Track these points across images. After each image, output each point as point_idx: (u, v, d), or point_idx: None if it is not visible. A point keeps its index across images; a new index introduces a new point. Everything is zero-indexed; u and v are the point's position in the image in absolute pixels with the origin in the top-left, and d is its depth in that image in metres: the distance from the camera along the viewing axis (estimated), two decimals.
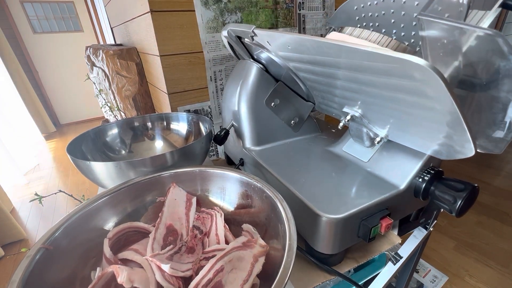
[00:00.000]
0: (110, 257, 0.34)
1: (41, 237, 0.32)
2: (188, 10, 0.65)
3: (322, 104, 0.46)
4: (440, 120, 0.26)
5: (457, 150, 0.28)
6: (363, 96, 0.33)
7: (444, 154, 0.31)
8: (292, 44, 0.36)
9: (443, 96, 0.22)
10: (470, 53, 0.26)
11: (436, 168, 0.38)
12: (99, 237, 0.36)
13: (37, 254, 0.30)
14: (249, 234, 0.38)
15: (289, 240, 0.29)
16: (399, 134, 0.35)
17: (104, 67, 0.91)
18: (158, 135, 0.69)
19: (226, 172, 0.43)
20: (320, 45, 0.30)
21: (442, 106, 0.24)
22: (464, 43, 0.26)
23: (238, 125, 0.56)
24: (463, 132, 0.25)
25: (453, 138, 0.27)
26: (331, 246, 0.38)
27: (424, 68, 0.21)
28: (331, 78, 0.35)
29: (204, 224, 0.41)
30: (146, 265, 0.32)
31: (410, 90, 0.25)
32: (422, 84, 0.23)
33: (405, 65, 0.22)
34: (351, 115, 0.38)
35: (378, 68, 0.26)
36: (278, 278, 0.24)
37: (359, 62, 0.27)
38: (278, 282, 0.24)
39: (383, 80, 0.27)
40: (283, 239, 0.30)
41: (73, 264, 0.34)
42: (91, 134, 0.60)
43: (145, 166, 0.43)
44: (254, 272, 0.31)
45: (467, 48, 0.26)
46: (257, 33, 0.40)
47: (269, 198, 0.36)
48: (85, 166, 0.44)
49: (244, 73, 0.53)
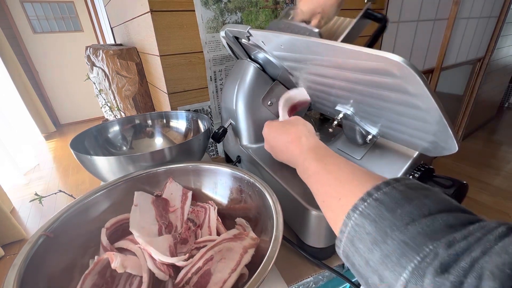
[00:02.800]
0: (107, 245, 0.36)
1: (42, 225, 0.33)
2: (188, 10, 0.65)
3: (317, 103, 0.47)
4: (424, 117, 0.27)
5: (442, 146, 0.29)
6: (354, 95, 0.34)
7: (431, 151, 0.32)
8: (284, 43, 0.36)
9: (422, 93, 0.23)
10: None
11: (426, 166, 0.39)
12: (98, 228, 0.38)
13: (38, 240, 0.31)
14: (242, 227, 0.40)
15: (275, 231, 0.31)
16: (389, 132, 0.36)
17: (104, 67, 0.91)
18: (158, 132, 0.70)
19: (219, 168, 0.45)
20: (308, 44, 0.31)
21: (423, 103, 0.24)
22: None
23: (236, 123, 0.57)
24: (445, 128, 0.26)
25: (437, 134, 0.28)
26: (321, 240, 0.40)
27: (401, 65, 0.21)
28: (322, 77, 0.36)
29: (198, 217, 0.43)
30: (139, 253, 0.34)
31: (393, 88, 0.26)
32: (403, 81, 0.24)
33: (384, 62, 0.23)
34: (344, 113, 0.39)
35: (362, 66, 0.26)
36: (262, 265, 0.26)
37: (344, 60, 0.28)
38: (262, 269, 0.26)
39: (368, 78, 0.27)
40: (271, 232, 0.31)
41: (73, 252, 0.35)
42: (94, 131, 0.61)
43: (144, 161, 0.45)
44: (243, 262, 0.33)
45: None
46: (252, 33, 0.41)
47: (260, 192, 0.38)
48: (87, 161, 0.46)
49: (242, 72, 0.54)
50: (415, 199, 0.19)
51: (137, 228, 0.36)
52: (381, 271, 0.18)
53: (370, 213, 0.20)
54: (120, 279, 0.33)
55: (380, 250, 0.18)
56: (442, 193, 0.20)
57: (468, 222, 0.17)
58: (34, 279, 0.29)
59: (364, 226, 0.20)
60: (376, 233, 0.19)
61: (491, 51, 2.06)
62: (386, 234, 0.18)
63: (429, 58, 1.64)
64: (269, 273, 0.26)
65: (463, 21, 1.68)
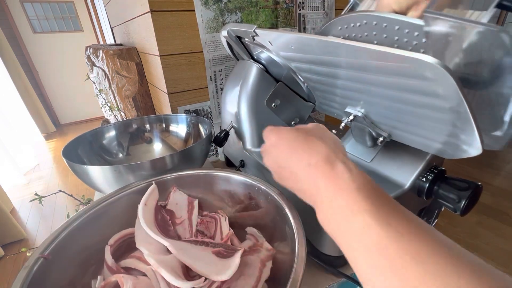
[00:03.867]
0: (112, 265, 0.33)
1: (39, 246, 0.30)
2: (188, 10, 0.65)
3: (323, 104, 0.46)
4: (448, 119, 0.26)
5: (463, 149, 0.28)
6: (367, 96, 0.33)
7: (449, 153, 0.31)
8: (296, 44, 0.35)
9: (453, 95, 0.22)
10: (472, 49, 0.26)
11: (439, 167, 0.37)
12: (98, 243, 0.35)
13: (35, 265, 0.29)
14: (254, 237, 0.37)
15: (298, 244, 0.28)
16: (403, 134, 0.35)
17: (104, 67, 0.91)
18: (156, 137, 0.67)
19: (231, 175, 0.42)
20: (326, 45, 0.30)
21: (451, 105, 0.23)
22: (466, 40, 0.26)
23: (239, 126, 0.56)
24: (471, 131, 0.24)
25: (460, 137, 0.26)
26: (337, 247, 0.38)
27: (435, 67, 0.21)
28: (334, 78, 0.35)
29: (208, 229, 0.40)
30: (150, 274, 0.31)
31: (418, 89, 0.25)
32: (432, 83, 0.23)
33: (416, 64, 0.22)
34: (354, 115, 0.37)
35: (387, 67, 0.25)
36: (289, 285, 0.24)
37: (366, 62, 0.27)
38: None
39: (390, 79, 0.26)
40: (291, 241, 0.29)
41: (72, 272, 0.33)
42: (88, 137, 0.58)
43: (144, 170, 0.42)
44: (263, 278, 0.30)
45: (469, 44, 0.26)
46: (259, 33, 0.40)
47: (274, 200, 0.35)
48: (81, 170, 0.42)
49: (244, 73, 0.53)
50: None
51: (145, 244, 0.33)
52: None
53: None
54: None
55: None
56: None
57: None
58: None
59: None
60: None
61: None
62: None
63: None
64: None
65: None
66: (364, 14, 0.33)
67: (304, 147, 0.25)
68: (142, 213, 0.35)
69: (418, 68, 0.22)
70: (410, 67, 0.23)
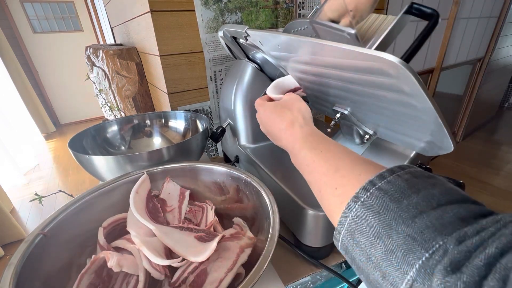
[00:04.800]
0: (103, 244, 0.36)
1: (38, 225, 0.33)
2: (188, 10, 0.65)
3: (316, 103, 0.47)
4: (420, 117, 0.27)
5: (439, 146, 0.29)
6: (351, 95, 0.34)
7: (428, 150, 0.32)
8: (281, 44, 0.36)
9: (417, 93, 0.23)
10: None
11: (423, 166, 0.39)
12: (95, 227, 0.38)
13: (35, 240, 0.31)
14: (239, 226, 0.40)
15: (271, 230, 0.31)
16: (386, 131, 0.36)
17: (104, 67, 0.91)
18: (156, 132, 0.70)
19: (215, 167, 0.45)
20: (303, 45, 0.31)
21: (419, 103, 0.25)
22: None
23: (234, 123, 0.57)
24: (440, 128, 0.25)
25: (433, 134, 0.28)
26: (318, 239, 0.40)
27: (396, 65, 0.21)
28: (320, 77, 0.36)
29: (195, 217, 0.43)
30: (135, 252, 0.34)
31: (389, 87, 0.26)
32: (398, 81, 0.24)
33: (380, 62, 0.23)
34: (341, 113, 0.39)
35: (359, 66, 0.26)
36: (257, 264, 0.26)
37: (341, 60, 0.28)
38: (257, 267, 0.26)
39: (365, 77, 0.28)
40: (267, 231, 0.31)
41: (70, 251, 0.35)
42: (92, 131, 0.62)
43: (142, 160, 0.45)
44: (239, 262, 0.32)
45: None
46: (250, 33, 0.41)
47: (257, 192, 0.38)
48: (85, 160, 0.46)
49: (240, 72, 0.54)
50: (422, 189, 0.18)
51: (135, 228, 0.36)
52: (384, 267, 0.17)
53: (373, 204, 0.18)
54: (117, 279, 0.33)
55: (384, 245, 0.17)
56: (449, 182, 0.19)
57: (480, 215, 0.16)
58: (30, 278, 0.29)
59: (366, 218, 0.18)
60: (379, 226, 0.17)
61: (491, 51, 2.06)
62: (391, 227, 0.17)
63: (429, 58, 1.64)
64: (266, 272, 0.26)
65: (463, 21, 1.68)
66: (305, 20, 0.43)
67: (277, 116, 0.36)
68: (133, 200, 0.39)
69: (382, 66, 0.23)
70: (376, 65, 0.24)
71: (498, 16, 1.96)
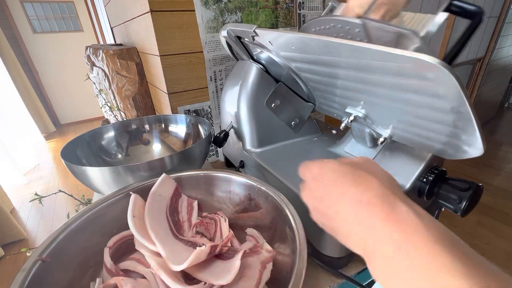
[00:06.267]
0: (111, 267, 0.32)
1: (37, 248, 0.30)
2: (188, 10, 0.65)
3: (324, 104, 0.46)
4: (449, 119, 0.25)
5: (464, 149, 0.28)
6: (368, 96, 0.33)
7: (450, 153, 0.31)
8: (296, 44, 0.35)
9: (455, 95, 0.22)
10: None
11: (439, 168, 0.37)
12: (97, 245, 0.35)
13: (33, 267, 0.28)
14: (254, 238, 0.37)
15: (299, 245, 0.27)
16: (404, 134, 0.35)
17: (104, 67, 0.91)
18: (156, 137, 0.67)
19: (231, 176, 0.42)
20: (327, 45, 0.29)
21: (453, 105, 0.23)
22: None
23: (238, 127, 0.56)
24: (472, 132, 0.24)
25: (461, 137, 0.26)
26: (338, 249, 0.38)
27: (437, 67, 0.21)
28: (334, 78, 0.35)
29: (208, 230, 0.39)
30: (150, 276, 0.30)
31: (419, 90, 0.25)
32: (433, 83, 0.23)
33: (416, 64, 0.22)
34: (354, 115, 0.37)
35: (388, 67, 0.25)
36: (291, 285, 0.23)
37: (368, 62, 0.27)
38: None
39: (392, 80, 0.26)
40: (292, 243, 0.29)
41: (71, 274, 0.32)
42: (87, 137, 0.57)
43: (142, 171, 0.42)
44: (263, 280, 0.29)
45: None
46: (259, 33, 0.40)
47: (274, 201, 0.35)
48: (80, 172, 0.42)
49: (244, 73, 0.53)
50: None
51: (145, 247, 0.32)
52: None
53: None
54: None
55: None
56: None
57: None
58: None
59: None
60: None
61: (491, 51, 2.06)
62: None
63: None
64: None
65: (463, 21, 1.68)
66: (331, 18, 0.37)
67: (353, 181, 0.20)
68: (133, 226, 0.34)
69: (419, 68, 0.22)
70: (411, 67, 0.23)
71: (498, 16, 1.96)
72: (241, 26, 0.43)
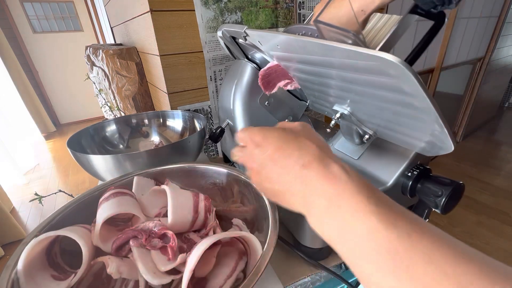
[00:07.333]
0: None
1: (37, 225, 0.33)
2: (188, 10, 0.65)
3: (315, 103, 0.47)
4: (420, 117, 0.27)
5: (439, 146, 0.29)
6: (351, 94, 0.34)
7: (428, 150, 0.32)
8: (281, 43, 0.36)
9: (418, 92, 0.23)
10: None
11: (423, 166, 0.38)
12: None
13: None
14: (238, 228, 0.39)
15: (270, 231, 0.30)
16: (386, 131, 0.36)
17: (104, 66, 0.91)
18: (154, 131, 0.71)
19: (214, 168, 0.45)
20: (304, 44, 0.31)
21: (419, 103, 0.25)
22: None
23: (233, 123, 0.57)
24: (441, 128, 0.25)
25: (433, 134, 0.28)
26: (317, 240, 0.40)
27: (396, 65, 0.21)
28: (320, 77, 0.36)
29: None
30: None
31: (389, 87, 0.26)
32: (398, 81, 0.24)
33: (380, 62, 0.23)
34: (341, 113, 0.39)
35: (358, 66, 0.26)
36: (256, 265, 0.26)
37: (341, 60, 0.28)
38: (257, 269, 0.26)
39: (365, 77, 0.27)
40: (266, 233, 0.31)
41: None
42: (91, 130, 0.62)
43: (140, 158, 0.47)
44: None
45: None
46: (249, 33, 0.41)
47: (256, 193, 0.38)
48: (84, 159, 0.47)
49: (239, 72, 0.54)
50: None
51: None
52: None
53: None
54: (116, 281, 0.32)
55: None
56: None
57: None
58: None
59: None
60: None
61: (491, 51, 2.06)
62: None
63: (429, 58, 1.64)
64: (265, 273, 0.26)
65: (463, 21, 1.68)
66: (301, 26, 0.40)
67: (293, 147, 0.23)
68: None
69: (383, 66, 0.23)
70: (376, 65, 0.24)
71: (498, 16, 1.96)
72: (233, 27, 0.45)
